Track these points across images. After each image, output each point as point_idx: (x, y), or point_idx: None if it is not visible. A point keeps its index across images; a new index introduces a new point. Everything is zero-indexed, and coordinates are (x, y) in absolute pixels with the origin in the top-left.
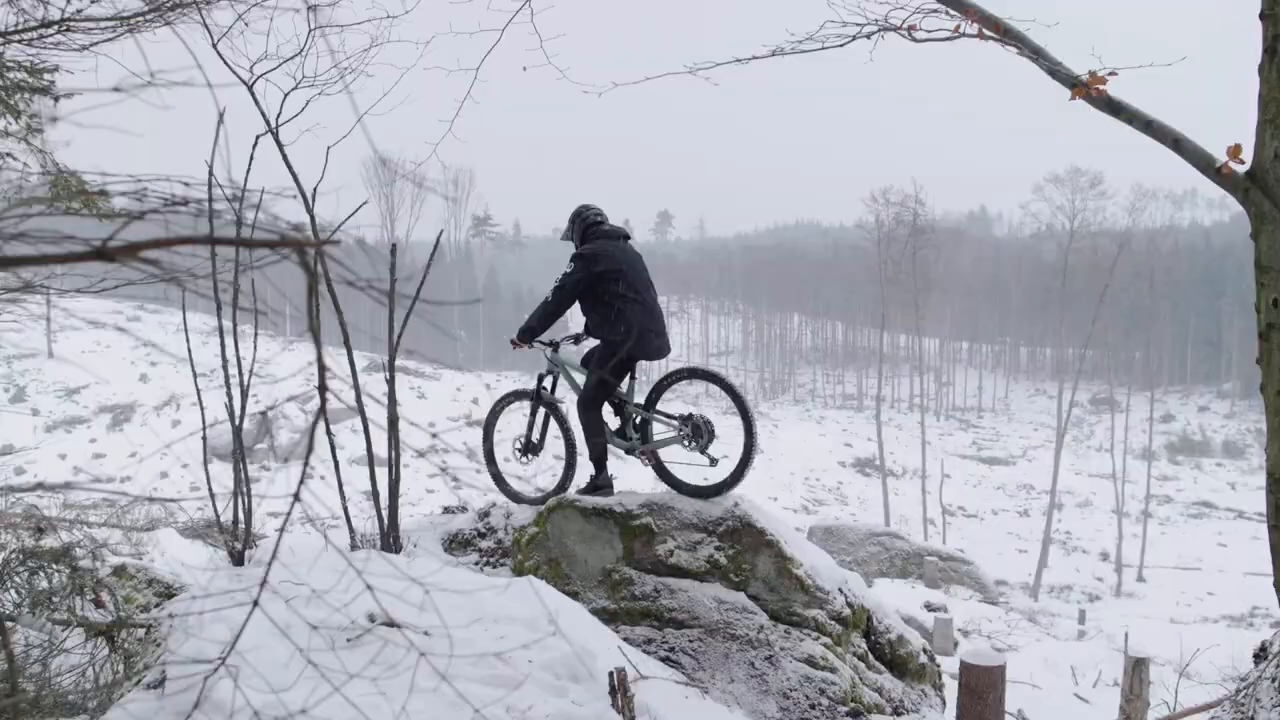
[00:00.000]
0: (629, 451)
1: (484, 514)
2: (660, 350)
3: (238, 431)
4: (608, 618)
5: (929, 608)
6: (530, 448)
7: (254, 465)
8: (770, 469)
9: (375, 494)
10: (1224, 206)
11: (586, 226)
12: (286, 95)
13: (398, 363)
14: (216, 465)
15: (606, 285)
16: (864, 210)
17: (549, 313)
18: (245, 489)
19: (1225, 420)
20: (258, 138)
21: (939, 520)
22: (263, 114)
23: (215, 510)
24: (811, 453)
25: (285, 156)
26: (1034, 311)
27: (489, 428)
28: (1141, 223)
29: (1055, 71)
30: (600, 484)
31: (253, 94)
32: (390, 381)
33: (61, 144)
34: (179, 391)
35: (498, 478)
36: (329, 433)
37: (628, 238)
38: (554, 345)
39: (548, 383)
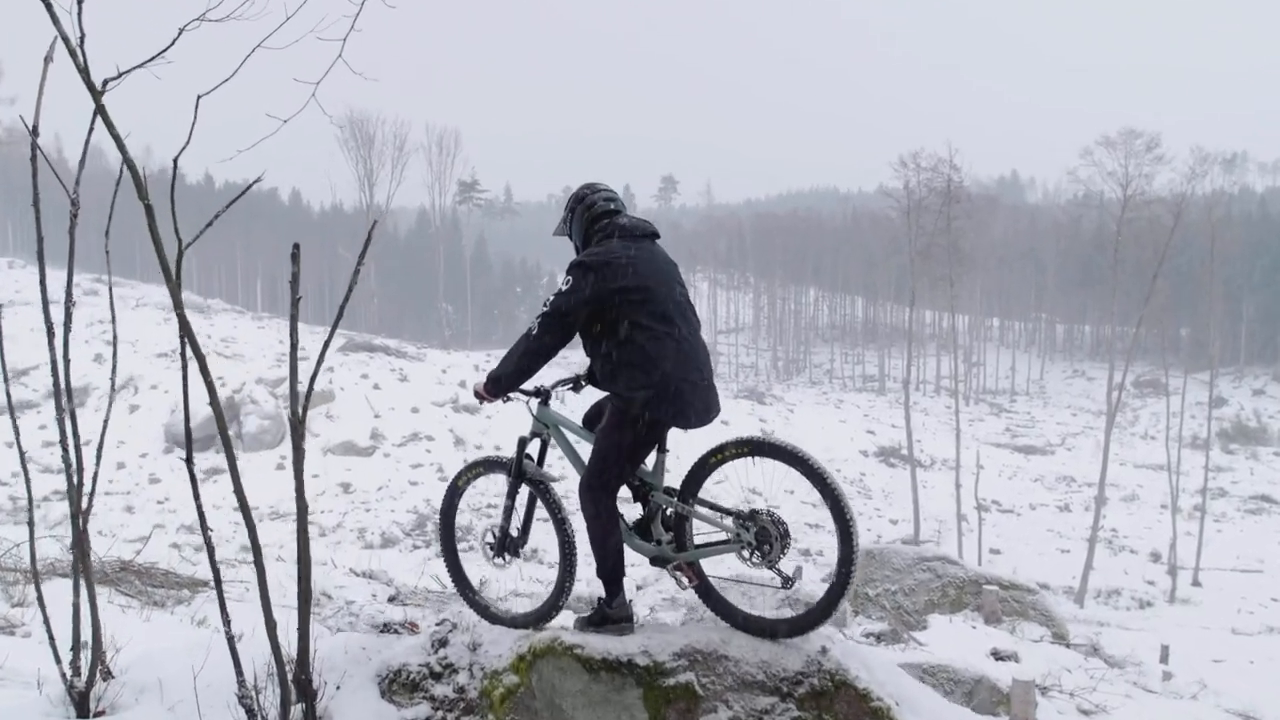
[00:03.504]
0: (658, 562)
1: (440, 640)
2: (706, 412)
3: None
4: None
5: (997, 656)
6: (507, 545)
7: (219, 455)
8: None
9: (264, 593)
10: (1279, 170)
11: (593, 218)
12: None
13: (376, 341)
14: (178, 454)
15: (623, 311)
16: (890, 176)
17: (533, 352)
18: (87, 586)
19: None
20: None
21: (973, 517)
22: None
23: (49, 631)
24: (831, 440)
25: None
26: (1072, 286)
27: (448, 508)
28: (1197, 189)
29: None
30: (613, 615)
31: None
32: (303, 399)
33: None
34: (138, 373)
35: (460, 583)
36: (191, 470)
37: (654, 236)
38: (543, 395)
39: (533, 449)
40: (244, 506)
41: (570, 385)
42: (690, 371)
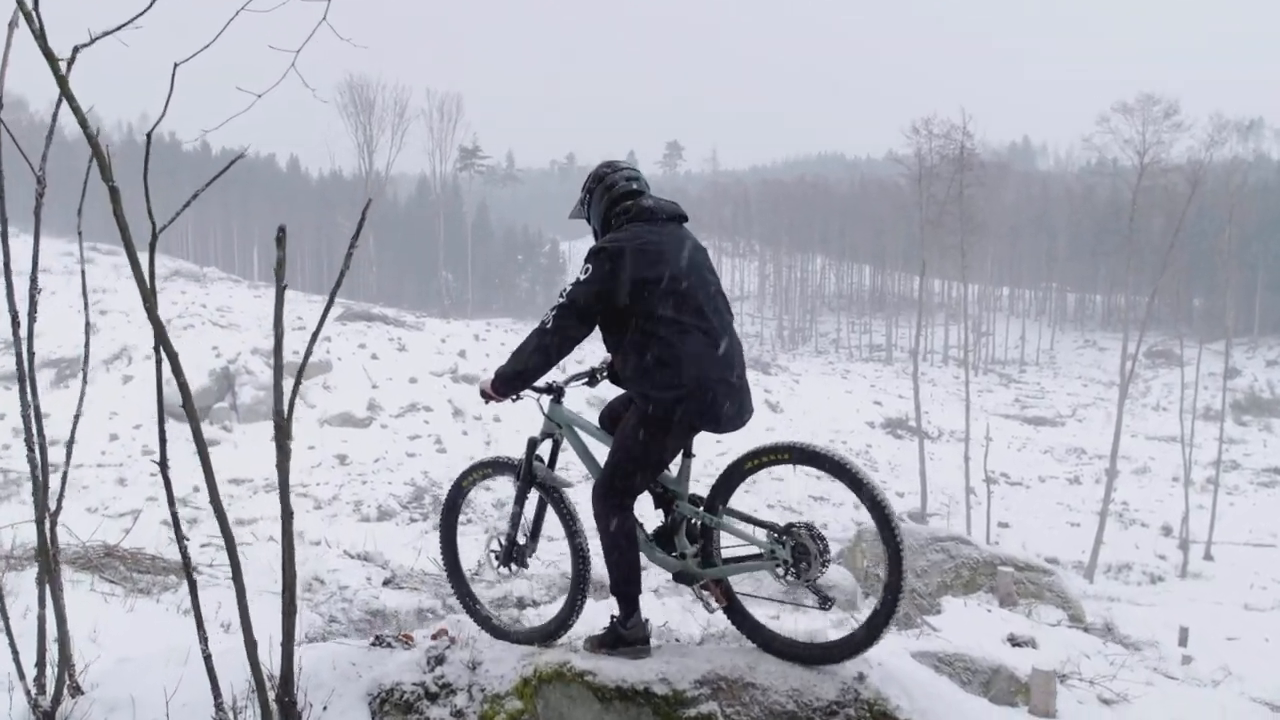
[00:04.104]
0: (682, 579)
1: (436, 658)
2: (738, 415)
3: None
4: None
5: (1014, 642)
6: (514, 555)
7: (214, 426)
8: (792, 429)
9: (243, 610)
10: None
11: (614, 200)
12: None
13: (374, 310)
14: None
15: (649, 303)
16: (900, 142)
17: (547, 349)
18: (54, 596)
19: None
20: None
21: (981, 490)
22: None
23: (11, 643)
24: (837, 411)
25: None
26: (1084, 254)
27: (449, 515)
28: (1215, 157)
29: None
30: (628, 635)
31: None
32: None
33: None
34: (131, 343)
35: (464, 596)
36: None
37: (682, 219)
38: (555, 392)
39: (544, 451)
40: (220, 515)
41: (585, 380)
42: (724, 371)
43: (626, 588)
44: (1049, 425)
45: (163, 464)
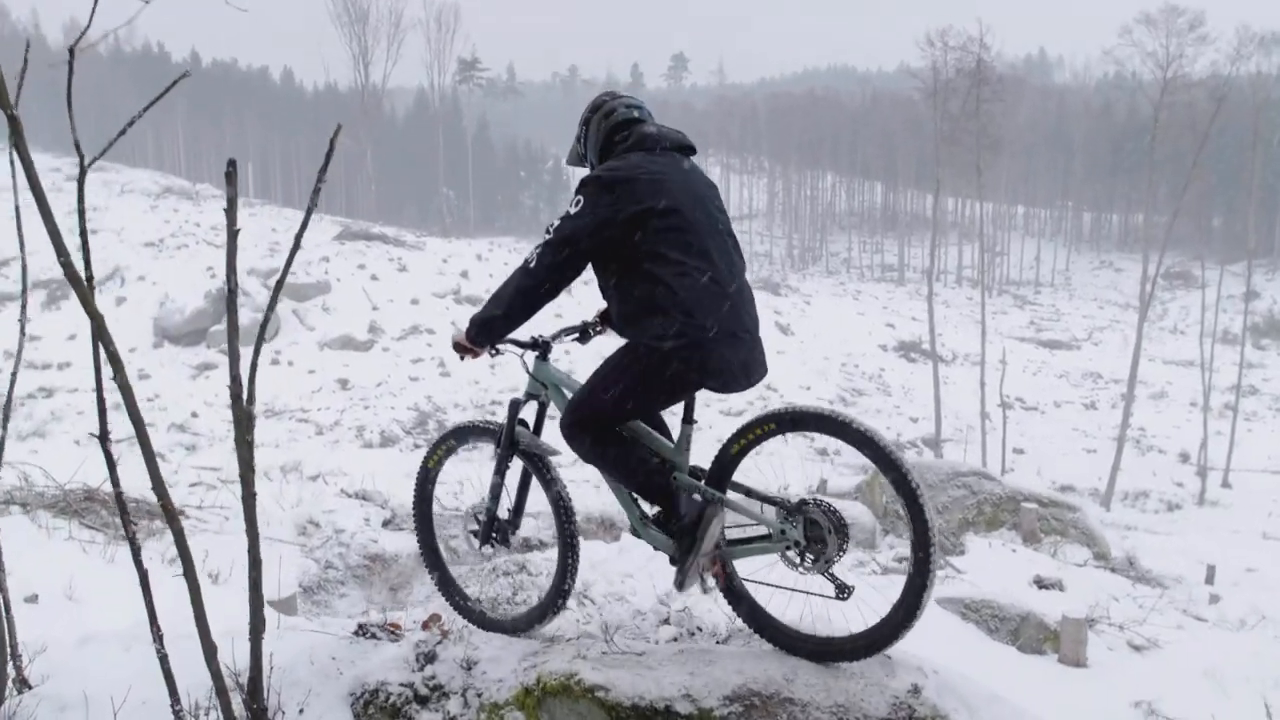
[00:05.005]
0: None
1: (427, 655)
2: (746, 373)
3: None
4: None
5: (1040, 585)
6: (495, 531)
7: (211, 350)
8: (803, 353)
9: (197, 606)
10: None
11: (613, 127)
12: None
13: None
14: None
15: (648, 240)
16: (914, 55)
17: (530, 290)
18: None
19: None
20: None
21: (996, 415)
22: None
23: None
24: (849, 334)
25: None
26: (1101, 172)
27: (423, 489)
28: (1240, 71)
29: None
30: (688, 523)
31: None
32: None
33: None
34: (124, 263)
35: (443, 582)
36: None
37: (690, 150)
38: (542, 348)
39: (529, 414)
40: (163, 495)
41: (576, 335)
42: (732, 321)
43: (658, 486)
44: (1064, 349)
45: (103, 436)
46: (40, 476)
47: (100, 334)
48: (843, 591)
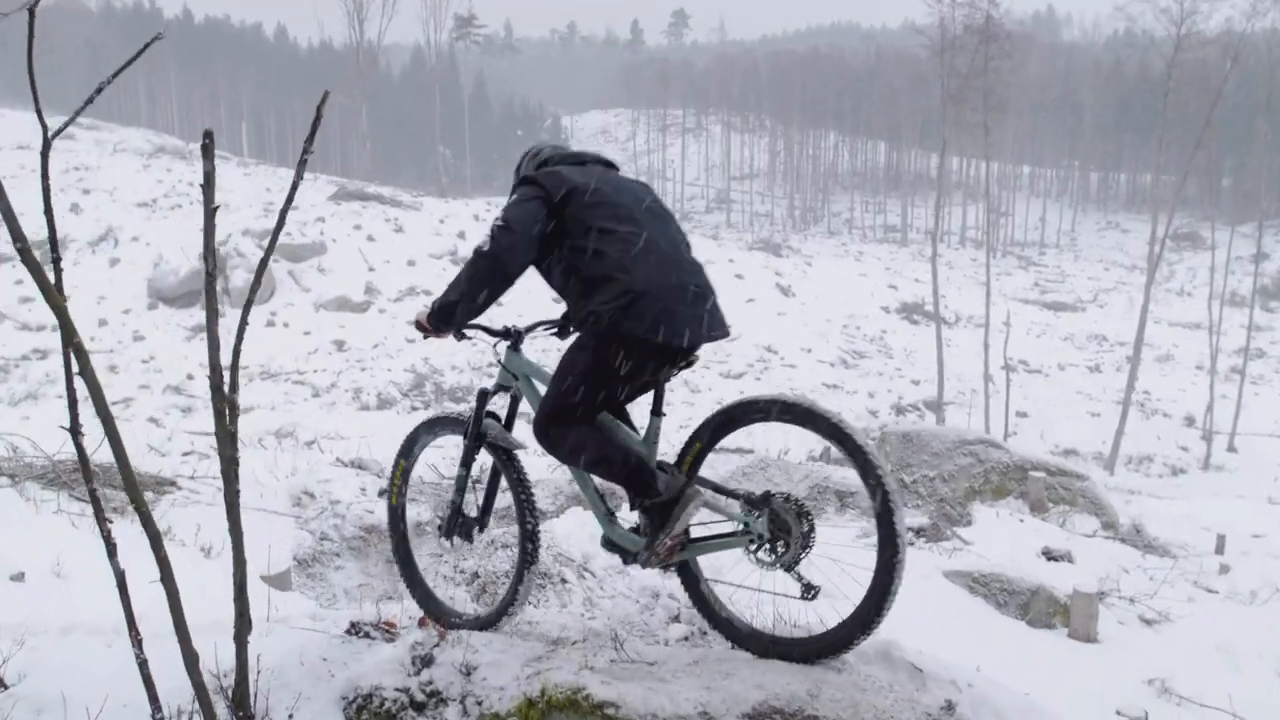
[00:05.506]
0: (633, 556)
1: (423, 659)
2: (701, 326)
3: None
4: None
5: (1049, 556)
6: (460, 526)
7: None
8: (804, 314)
9: (177, 615)
10: None
11: (541, 162)
12: None
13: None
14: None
15: (583, 219)
16: (920, 11)
17: (485, 273)
18: None
19: None
20: None
21: (999, 378)
22: None
23: None
24: (850, 295)
25: None
26: (1109, 131)
27: (397, 482)
28: (1256, 28)
29: None
30: (667, 498)
31: None
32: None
33: None
34: (117, 224)
35: (410, 580)
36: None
37: (611, 165)
38: (513, 338)
39: (499, 405)
40: (145, 518)
41: (553, 329)
42: (671, 275)
43: (632, 470)
44: (1069, 310)
45: (74, 429)
46: (29, 447)
47: (63, 325)
48: (808, 591)
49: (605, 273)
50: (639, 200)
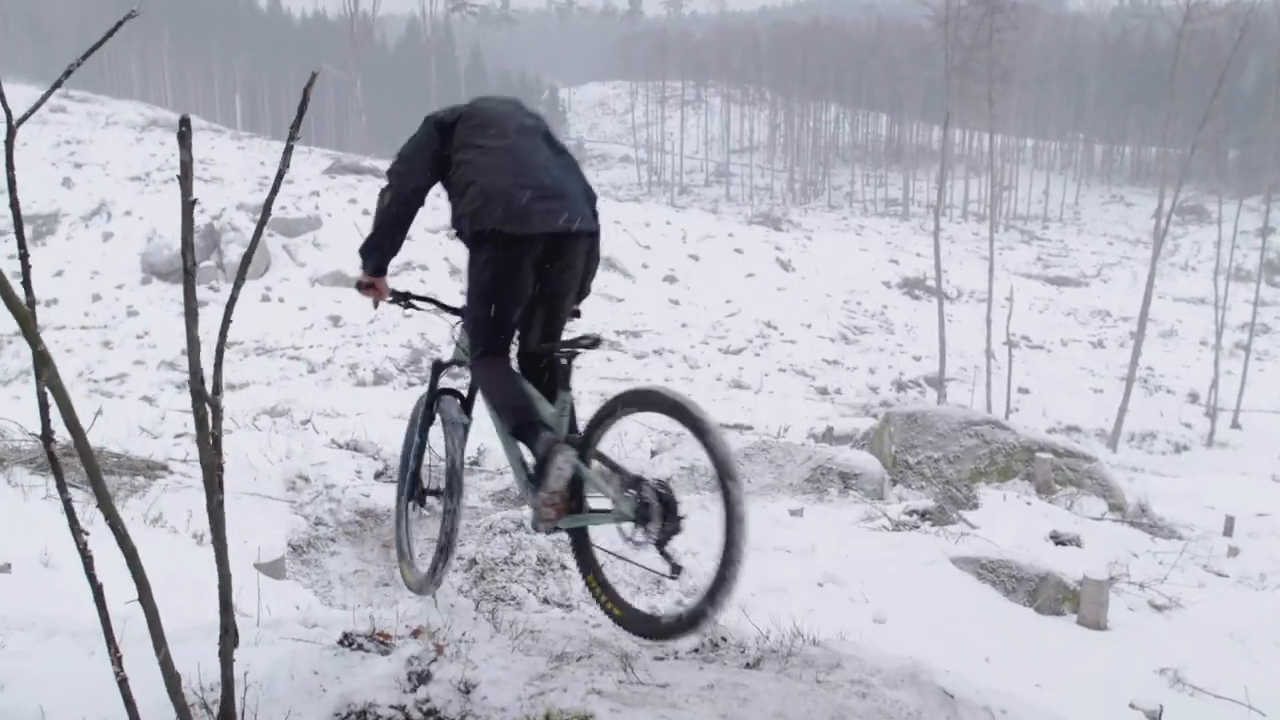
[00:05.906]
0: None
1: (419, 675)
2: (555, 213)
3: None
4: None
5: (1057, 540)
6: (415, 493)
7: (201, 286)
8: (805, 289)
9: (155, 632)
10: None
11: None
12: None
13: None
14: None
15: (459, 140)
16: None
17: (389, 206)
18: None
19: None
20: None
21: (1001, 354)
22: None
23: None
24: (851, 270)
25: None
26: (1114, 103)
27: (414, 439)
28: None
29: None
30: (537, 459)
31: None
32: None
33: None
34: (109, 198)
35: (399, 541)
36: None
37: (534, 116)
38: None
39: (455, 383)
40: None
41: None
42: (523, 176)
43: (521, 416)
44: (1072, 285)
45: (45, 438)
46: (16, 431)
47: (27, 333)
48: (675, 571)
49: (468, 179)
50: (512, 118)
